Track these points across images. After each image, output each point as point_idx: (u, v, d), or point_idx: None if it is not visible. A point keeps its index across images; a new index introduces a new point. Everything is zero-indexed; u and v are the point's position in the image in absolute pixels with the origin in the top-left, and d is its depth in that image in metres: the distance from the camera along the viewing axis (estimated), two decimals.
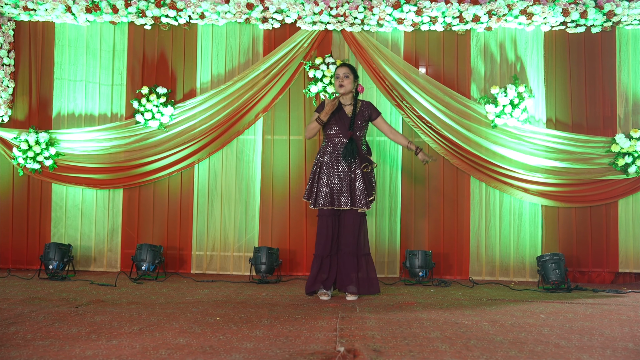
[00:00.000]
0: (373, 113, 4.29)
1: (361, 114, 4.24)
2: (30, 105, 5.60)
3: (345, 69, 4.22)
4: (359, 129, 4.20)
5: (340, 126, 4.17)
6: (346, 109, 4.25)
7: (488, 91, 5.37)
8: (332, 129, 4.20)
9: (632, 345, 2.82)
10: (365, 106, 4.29)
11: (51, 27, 5.61)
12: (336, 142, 4.18)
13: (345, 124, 4.17)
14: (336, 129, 4.18)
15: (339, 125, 4.18)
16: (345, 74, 4.19)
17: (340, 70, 4.22)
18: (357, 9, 5.08)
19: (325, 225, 4.16)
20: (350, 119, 4.18)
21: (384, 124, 4.33)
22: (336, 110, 4.21)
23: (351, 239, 4.13)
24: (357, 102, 4.26)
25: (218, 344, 2.71)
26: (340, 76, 4.20)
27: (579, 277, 5.33)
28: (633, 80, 5.37)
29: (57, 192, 5.59)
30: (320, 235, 4.19)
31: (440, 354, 2.59)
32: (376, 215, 5.42)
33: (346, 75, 4.19)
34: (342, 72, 4.20)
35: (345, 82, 4.18)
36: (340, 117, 4.20)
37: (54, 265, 5.05)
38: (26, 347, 2.61)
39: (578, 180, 5.31)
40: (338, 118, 4.19)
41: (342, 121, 4.19)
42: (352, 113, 4.21)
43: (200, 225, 5.52)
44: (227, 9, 5.17)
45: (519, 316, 3.55)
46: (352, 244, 4.13)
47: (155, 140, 5.47)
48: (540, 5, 5.04)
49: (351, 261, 4.13)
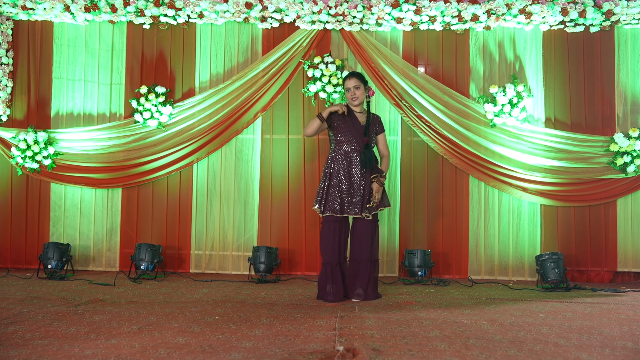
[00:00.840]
0: (380, 127, 4.24)
1: (373, 125, 4.18)
2: (28, 104, 5.59)
3: (355, 81, 4.11)
4: (371, 140, 4.15)
5: (353, 133, 4.09)
6: (359, 116, 4.16)
7: (487, 90, 5.37)
8: (344, 136, 4.11)
9: (631, 344, 2.82)
10: (376, 119, 4.24)
11: (50, 26, 5.60)
12: (347, 150, 4.09)
13: (358, 131, 4.10)
14: (348, 136, 4.10)
15: (351, 132, 4.10)
16: (355, 86, 4.09)
17: (350, 82, 4.11)
18: (356, 8, 5.08)
19: (331, 231, 4.04)
20: (364, 127, 4.11)
21: (383, 141, 4.27)
22: (348, 117, 4.13)
23: (365, 247, 4.05)
24: (370, 113, 4.19)
25: (217, 343, 2.70)
26: (350, 89, 4.11)
27: (578, 276, 5.34)
28: (632, 79, 5.38)
29: (55, 192, 5.58)
30: (326, 241, 4.05)
31: (440, 353, 2.59)
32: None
33: (357, 87, 4.09)
34: (352, 84, 4.10)
35: (358, 94, 4.10)
36: (353, 125, 4.12)
37: (53, 265, 5.04)
38: (25, 346, 2.61)
39: (577, 180, 5.31)
40: (351, 125, 4.11)
41: (355, 128, 4.11)
42: (367, 120, 4.14)
43: (199, 224, 5.52)
44: (226, 8, 5.17)
45: (518, 315, 3.55)
46: (367, 251, 4.06)
47: (154, 139, 5.46)
48: (539, 5, 5.04)
49: (366, 268, 4.05)
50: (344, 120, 4.12)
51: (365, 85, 4.17)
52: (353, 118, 4.15)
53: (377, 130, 4.23)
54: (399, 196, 5.44)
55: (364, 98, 4.16)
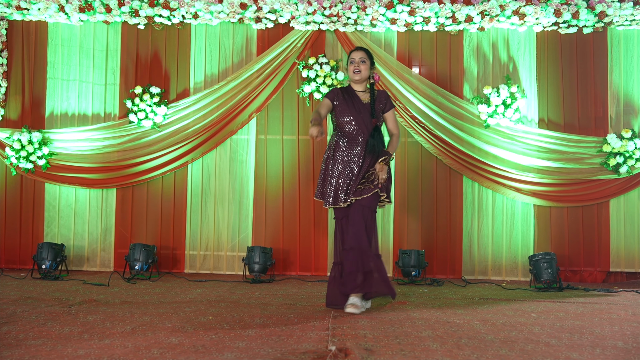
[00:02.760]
0: (388, 103, 3.76)
1: (379, 101, 3.72)
2: (23, 104, 5.59)
3: (362, 53, 3.69)
4: (379, 121, 3.69)
5: (355, 115, 3.64)
6: (361, 96, 3.72)
7: (481, 91, 5.40)
8: (346, 118, 3.67)
9: (622, 344, 2.84)
10: (382, 94, 3.77)
11: (44, 26, 5.59)
12: (348, 132, 3.66)
13: (362, 113, 3.65)
14: (350, 118, 3.66)
15: (353, 114, 3.65)
16: (361, 59, 3.67)
17: (357, 54, 3.70)
18: (350, 9, 5.09)
19: (340, 229, 3.72)
20: (370, 107, 3.67)
21: (392, 119, 3.78)
22: (350, 98, 3.70)
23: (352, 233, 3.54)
24: (374, 90, 3.74)
25: (210, 343, 2.71)
26: (355, 60, 3.68)
27: (571, 276, 5.37)
28: (624, 80, 5.41)
29: (50, 192, 5.58)
30: (336, 240, 3.74)
31: (431, 352, 2.60)
32: None
33: (362, 60, 3.67)
34: (358, 56, 3.69)
35: (362, 67, 3.67)
36: (355, 106, 3.67)
37: (47, 265, 5.04)
38: (18, 346, 2.61)
39: (570, 180, 5.34)
40: (352, 106, 3.67)
41: (358, 110, 3.66)
42: (371, 99, 3.68)
43: (194, 225, 5.52)
44: (221, 8, 5.17)
45: (510, 315, 3.57)
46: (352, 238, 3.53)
47: (149, 139, 5.46)
48: (533, 6, 5.07)
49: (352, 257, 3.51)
50: (343, 99, 3.70)
51: (372, 65, 3.75)
52: (355, 98, 3.71)
53: (384, 107, 3.74)
54: (393, 196, 5.45)
55: (367, 75, 3.72)
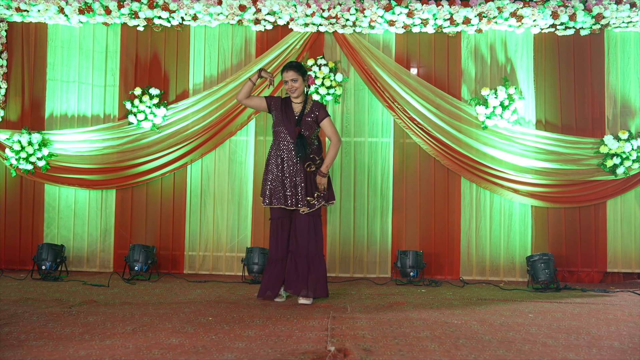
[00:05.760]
0: (321, 113, 4.07)
1: (310, 112, 4.06)
2: (22, 106, 5.60)
3: (292, 73, 4.02)
4: (307, 128, 4.03)
5: (286, 124, 4.03)
6: (295, 107, 4.09)
7: (478, 93, 5.42)
8: (279, 127, 4.06)
9: (618, 344, 2.87)
10: (315, 105, 4.10)
11: (44, 28, 5.61)
12: (281, 139, 4.04)
13: (292, 122, 4.03)
14: (282, 127, 4.04)
15: (284, 123, 4.03)
16: (292, 79, 4.01)
17: (287, 75, 4.03)
18: (349, 11, 5.12)
19: (275, 228, 4.09)
20: (298, 116, 4.04)
21: (328, 127, 4.07)
22: (285, 108, 4.07)
23: (301, 240, 4.00)
24: (308, 100, 4.12)
25: (210, 344, 2.73)
26: (288, 82, 4.03)
27: (568, 277, 5.39)
28: (621, 82, 5.44)
29: (50, 193, 5.59)
30: (272, 238, 4.11)
31: (429, 353, 2.63)
32: (368, 215, 5.46)
33: (294, 79, 4.01)
34: (288, 77, 4.02)
35: (295, 85, 4.01)
36: (287, 115, 4.05)
37: (47, 266, 5.06)
38: (20, 347, 2.63)
39: (567, 181, 5.37)
40: (285, 116, 4.04)
41: (289, 119, 4.04)
42: (301, 110, 4.05)
43: (193, 225, 5.54)
44: (220, 10, 5.19)
45: (507, 315, 3.60)
46: (303, 245, 3.99)
47: (148, 141, 5.48)
48: (530, 8, 5.10)
49: (302, 263, 3.99)
50: (280, 110, 4.07)
51: (304, 77, 4.06)
52: (289, 109, 4.08)
53: (316, 116, 4.07)
54: (391, 197, 5.48)
55: (302, 89, 4.06)
